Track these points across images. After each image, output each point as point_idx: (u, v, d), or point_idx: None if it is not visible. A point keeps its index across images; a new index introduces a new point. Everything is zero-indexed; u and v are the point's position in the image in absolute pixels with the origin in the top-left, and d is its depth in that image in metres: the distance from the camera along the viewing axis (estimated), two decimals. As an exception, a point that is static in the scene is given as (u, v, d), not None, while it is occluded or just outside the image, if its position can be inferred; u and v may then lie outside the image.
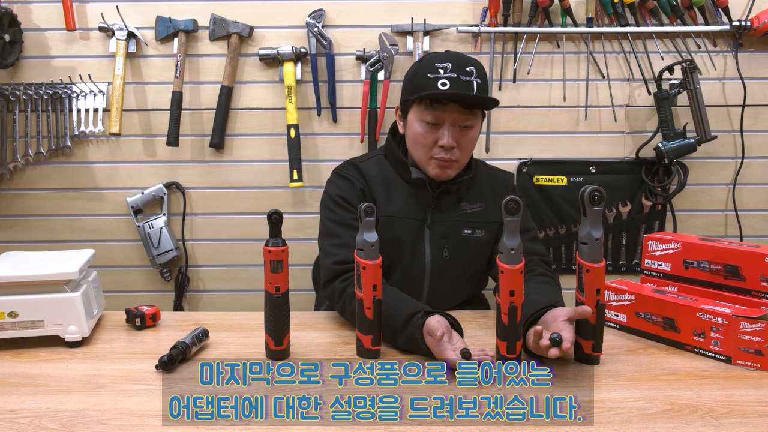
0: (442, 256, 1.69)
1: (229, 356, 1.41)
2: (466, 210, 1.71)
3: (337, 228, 1.64)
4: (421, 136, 1.62)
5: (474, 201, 1.72)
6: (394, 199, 1.68)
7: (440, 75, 1.57)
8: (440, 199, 1.69)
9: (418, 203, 1.69)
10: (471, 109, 1.60)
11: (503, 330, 1.33)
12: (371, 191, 1.68)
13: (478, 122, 1.65)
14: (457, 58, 1.60)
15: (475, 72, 1.59)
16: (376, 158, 1.75)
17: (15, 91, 2.21)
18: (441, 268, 1.69)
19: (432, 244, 1.69)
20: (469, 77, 1.58)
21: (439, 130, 1.60)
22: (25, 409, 1.16)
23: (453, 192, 1.70)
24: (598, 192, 1.29)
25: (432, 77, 1.57)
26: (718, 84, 2.28)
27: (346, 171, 1.73)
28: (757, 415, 1.13)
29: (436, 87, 1.56)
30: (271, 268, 1.35)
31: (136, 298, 2.30)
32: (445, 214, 1.69)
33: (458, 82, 1.56)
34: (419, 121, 1.62)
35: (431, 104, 1.59)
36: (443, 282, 1.71)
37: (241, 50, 2.25)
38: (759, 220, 2.35)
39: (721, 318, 1.35)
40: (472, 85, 1.58)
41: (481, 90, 1.59)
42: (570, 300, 1.43)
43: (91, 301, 1.53)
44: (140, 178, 2.31)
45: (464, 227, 1.69)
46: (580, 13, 2.23)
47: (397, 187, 1.70)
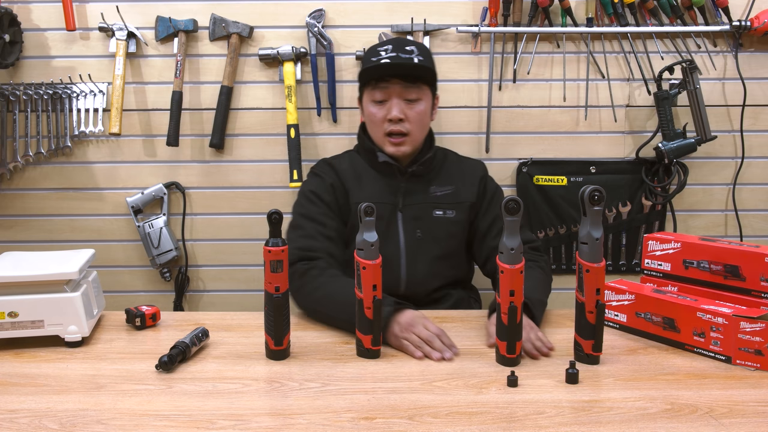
0: (416, 237, 1.78)
1: (229, 356, 1.41)
2: (437, 192, 1.82)
3: (303, 221, 1.74)
4: (373, 114, 1.77)
5: (444, 184, 1.83)
6: (365, 186, 1.80)
7: (382, 56, 1.73)
8: (410, 183, 1.80)
9: (389, 189, 1.80)
10: (414, 82, 1.73)
11: (503, 330, 1.33)
12: (343, 184, 1.80)
13: (426, 96, 1.77)
14: (397, 41, 1.78)
15: (416, 50, 1.74)
16: (348, 154, 1.90)
17: (15, 91, 2.21)
18: (415, 249, 1.78)
19: (405, 226, 1.79)
20: (409, 55, 1.73)
21: (387, 106, 1.75)
22: (25, 409, 1.16)
23: (421, 176, 1.81)
24: (598, 192, 1.29)
25: (375, 59, 1.74)
26: (718, 84, 2.28)
27: (319, 169, 1.87)
28: (757, 415, 1.13)
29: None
30: (271, 268, 1.35)
31: (136, 298, 2.30)
32: (415, 197, 1.80)
33: (398, 59, 1.72)
34: (370, 102, 1.77)
35: (377, 84, 1.74)
36: (420, 262, 1.79)
37: (241, 50, 2.25)
38: (759, 220, 2.35)
39: (721, 318, 1.35)
40: (412, 60, 1.73)
41: (422, 64, 1.74)
42: (570, 300, 1.43)
43: (91, 301, 1.53)
44: (140, 178, 2.31)
45: (435, 209, 1.80)
46: (580, 13, 2.22)
47: (368, 176, 1.82)
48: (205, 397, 1.21)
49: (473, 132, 2.30)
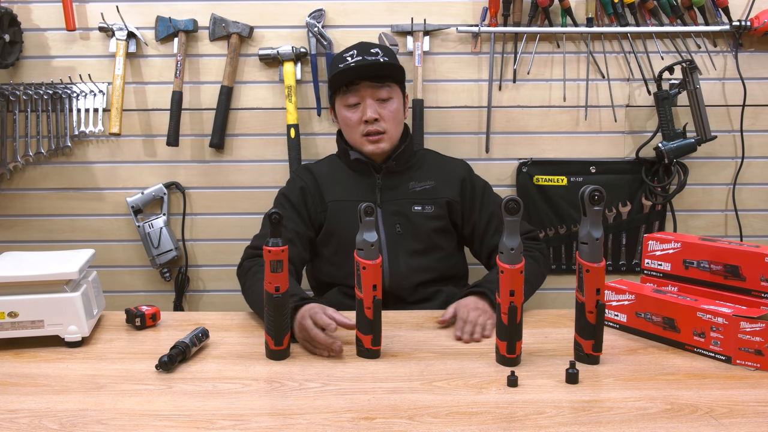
0: (395, 232, 1.81)
1: (229, 356, 1.41)
2: (415, 188, 1.85)
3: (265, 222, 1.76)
4: (347, 119, 1.80)
5: (422, 180, 1.86)
6: (341, 185, 1.84)
7: (348, 61, 1.77)
8: (387, 179, 1.84)
9: (366, 186, 1.84)
10: (383, 81, 1.78)
11: (503, 330, 1.33)
12: (317, 185, 1.84)
13: (396, 95, 1.82)
14: (361, 45, 1.82)
15: (381, 52, 1.78)
16: (329, 159, 1.95)
17: (15, 91, 2.21)
18: (396, 244, 1.81)
19: (385, 221, 1.82)
20: (374, 56, 1.77)
21: (360, 109, 1.78)
22: (25, 409, 1.16)
23: (400, 172, 1.84)
24: (598, 192, 1.29)
25: (342, 66, 1.77)
26: (718, 84, 2.28)
27: (298, 172, 1.94)
28: (757, 415, 1.13)
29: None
30: (271, 268, 1.35)
31: (136, 298, 2.30)
32: (394, 193, 1.83)
33: (363, 61, 1.76)
34: (343, 107, 1.81)
35: (347, 88, 1.78)
36: (401, 257, 1.81)
37: (241, 50, 2.25)
38: (759, 220, 2.35)
39: (721, 318, 1.35)
40: (378, 60, 1.77)
41: (388, 63, 1.78)
42: (570, 300, 1.43)
43: (91, 301, 1.53)
44: (140, 178, 2.31)
45: (414, 204, 1.83)
46: (580, 13, 2.22)
47: (345, 175, 1.86)
48: (205, 397, 1.21)
49: (473, 132, 2.30)
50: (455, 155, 2.04)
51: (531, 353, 1.40)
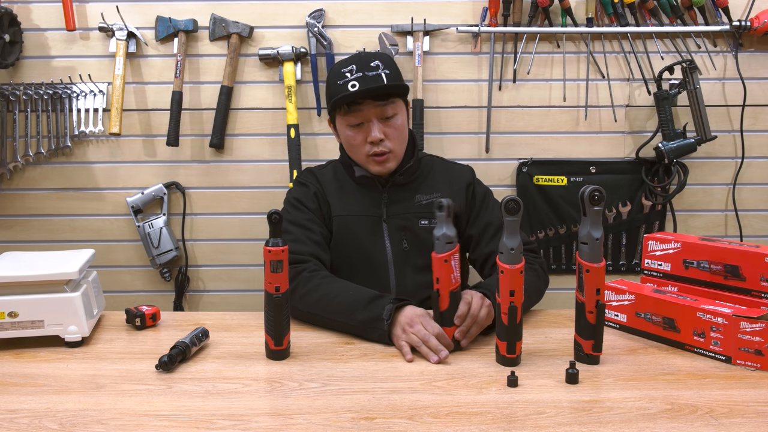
0: (402, 248, 1.76)
1: (229, 356, 1.41)
2: (422, 201, 1.78)
3: (290, 226, 1.73)
4: (351, 138, 1.73)
5: (429, 192, 1.79)
6: (347, 200, 1.78)
7: (348, 78, 1.67)
8: (393, 193, 1.77)
9: (372, 201, 1.77)
10: (386, 99, 1.69)
11: (503, 330, 1.33)
12: (325, 194, 1.78)
13: (400, 110, 1.74)
14: (359, 58, 1.71)
15: (381, 65, 1.69)
16: (332, 165, 1.87)
17: (15, 91, 2.21)
18: (403, 259, 1.76)
19: (391, 237, 1.76)
20: (375, 71, 1.68)
21: (364, 128, 1.70)
22: (25, 409, 1.16)
23: (404, 185, 1.78)
24: (598, 192, 1.29)
25: (341, 83, 1.67)
26: (718, 84, 2.28)
27: (304, 178, 1.85)
28: (757, 415, 1.13)
29: (347, 90, 1.66)
30: (271, 268, 1.35)
31: (136, 298, 2.30)
32: (400, 207, 1.77)
33: (365, 79, 1.66)
34: (345, 126, 1.73)
35: (349, 108, 1.69)
36: (408, 272, 1.77)
37: (241, 50, 2.25)
38: (759, 220, 2.35)
39: (721, 318, 1.35)
40: (381, 77, 1.67)
41: (391, 79, 1.69)
42: (570, 300, 1.43)
43: (91, 301, 1.53)
44: (140, 178, 2.31)
45: (420, 218, 1.76)
46: (580, 13, 2.22)
47: (350, 188, 1.80)
48: (205, 397, 1.21)
49: (473, 132, 2.30)
50: (455, 155, 2.05)
51: (531, 353, 1.40)
